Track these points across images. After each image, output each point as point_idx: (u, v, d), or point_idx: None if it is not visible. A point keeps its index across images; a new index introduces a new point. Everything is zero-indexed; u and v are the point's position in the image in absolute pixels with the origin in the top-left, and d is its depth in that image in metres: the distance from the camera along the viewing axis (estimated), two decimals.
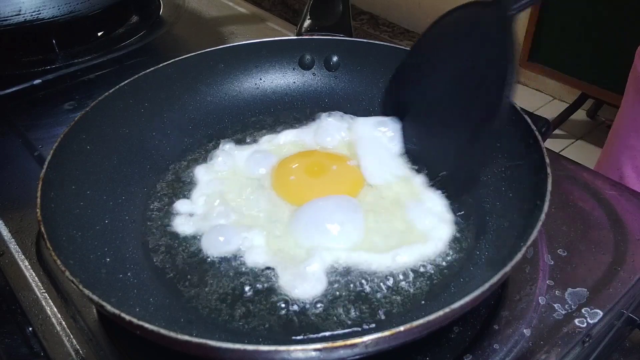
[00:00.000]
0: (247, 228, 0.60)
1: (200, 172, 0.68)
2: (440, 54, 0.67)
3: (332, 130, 0.73)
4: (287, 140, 0.74)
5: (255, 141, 0.74)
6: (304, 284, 0.54)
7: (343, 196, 0.64)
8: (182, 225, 0.62)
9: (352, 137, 0.72)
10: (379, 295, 0.54)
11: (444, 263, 0.57)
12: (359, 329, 0.51)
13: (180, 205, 0.64)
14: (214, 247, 0.59)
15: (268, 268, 0.56)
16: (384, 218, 0.61)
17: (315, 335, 0.50)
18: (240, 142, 0.73)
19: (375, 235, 0.59)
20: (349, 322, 0.51)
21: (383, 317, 0.52)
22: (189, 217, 0.63)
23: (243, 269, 0.57)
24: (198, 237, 0.61)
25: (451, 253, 0.58)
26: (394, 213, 0.62)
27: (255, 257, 0.57)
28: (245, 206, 0.64)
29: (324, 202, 0.62)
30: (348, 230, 0.59)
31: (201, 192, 0.66)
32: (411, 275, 0.55)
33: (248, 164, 0.69)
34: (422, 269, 0.56)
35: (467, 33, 0.64)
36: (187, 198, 0.66)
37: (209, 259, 0.58)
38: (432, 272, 0.56)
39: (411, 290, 0.54)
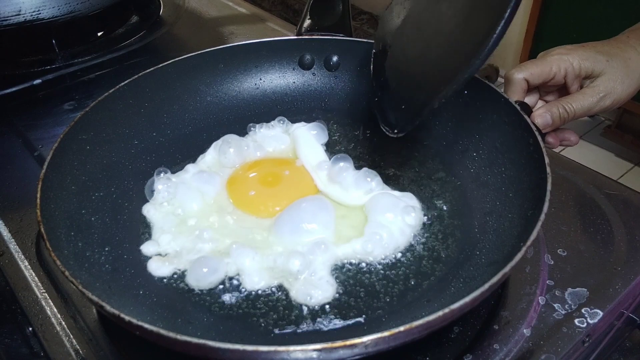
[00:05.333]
0: (226, 254, 0.57)
1: (150, 211, 0.64)
2: None
3: (270, 139, 0.73)
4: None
5: (194, 161, 0.71)
6: (317, 291, 0.54)
7: (313, 196, 0.65)
8: (159, 269, 0.57)
9: (290, 141, 0.73)
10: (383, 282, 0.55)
11: (442, 262, 0.57)
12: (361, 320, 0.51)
13: (146, 247, 0.59)
14: (203, 280, 0.56)
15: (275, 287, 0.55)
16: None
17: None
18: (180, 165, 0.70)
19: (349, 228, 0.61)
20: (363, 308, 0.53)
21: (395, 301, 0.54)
22: (161, 257, 0.59)
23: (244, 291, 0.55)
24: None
25: (451, 253, 0.58)
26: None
27: (255, 280, 0.55)
28: (213, 231, 0.61)
29: (301, 206, 0.62)
30: (330, 224, 0.61)
31: (161, 229, 0.61)
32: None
33: (195, 188, 0.66)
34: (424, 268, 0.56)
35: None
36: (150, 239, 0.61)
37: (204, 291, 0.55)
38: (431, 270, 0.56)
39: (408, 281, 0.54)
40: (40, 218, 0.51)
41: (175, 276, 0.57)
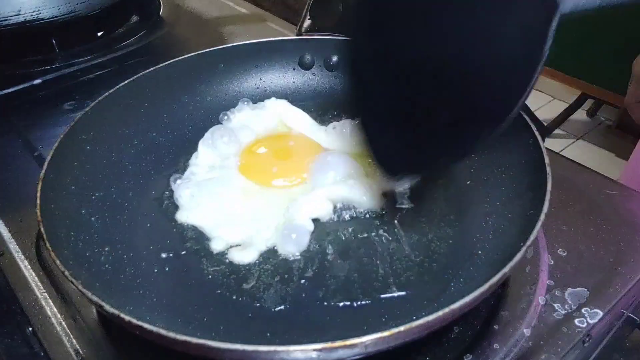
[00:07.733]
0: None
1: (186, 215, 0.64)
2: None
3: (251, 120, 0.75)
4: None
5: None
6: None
7: (328, 152, 0.70)
8: (242, 257, 0.59)
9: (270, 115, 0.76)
10: None
11: (443, 262, 0.57)
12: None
13: (215, 244, 0.60)
14: (295, 246, 0.59)
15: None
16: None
17: None
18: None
19: None
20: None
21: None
22: (236, 247, 0.60)
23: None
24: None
25: (451, 253, 0.58)
26: None
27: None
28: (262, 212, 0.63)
29: (327, 160, 0.67)
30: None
31: (214, 226, 0.62)
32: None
33: (217, 181, 0.67)
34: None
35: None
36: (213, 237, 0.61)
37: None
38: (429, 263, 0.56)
39: None
40: (40, 218, 0.51)
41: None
